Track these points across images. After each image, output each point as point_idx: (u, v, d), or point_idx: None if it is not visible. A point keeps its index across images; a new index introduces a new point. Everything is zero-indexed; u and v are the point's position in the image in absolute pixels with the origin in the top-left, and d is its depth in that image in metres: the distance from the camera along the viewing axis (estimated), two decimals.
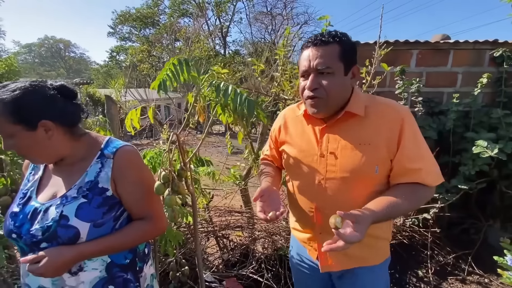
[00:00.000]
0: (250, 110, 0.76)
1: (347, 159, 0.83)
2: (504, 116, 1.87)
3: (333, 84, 0.80)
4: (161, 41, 14.97)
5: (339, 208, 0.81)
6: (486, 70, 2.14)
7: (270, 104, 1.87)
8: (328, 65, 0.78)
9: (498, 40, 2.09)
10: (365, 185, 0.84)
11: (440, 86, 2.26)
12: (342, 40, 0.80)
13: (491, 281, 1.85)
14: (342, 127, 0.86)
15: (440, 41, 2.20)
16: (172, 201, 0.81)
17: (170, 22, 18.23)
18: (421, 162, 0.80)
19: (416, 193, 0.79)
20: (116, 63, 25.24)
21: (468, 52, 2.18)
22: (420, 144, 0.82)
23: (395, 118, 0.81)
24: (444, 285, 1.85)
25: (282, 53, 1.44)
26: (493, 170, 1.97)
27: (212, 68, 1.34)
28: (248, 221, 1.95)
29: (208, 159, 1.43)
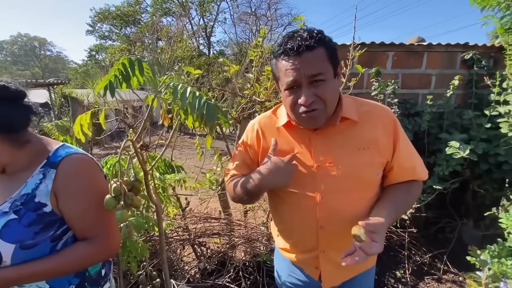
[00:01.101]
0: (210, 115, 0.70)
1: (348, 167, 0.77)
2: (475, 117, 1.92)
3: (328, 92, 0.72)
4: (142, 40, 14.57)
5: (344, 221, 0.78)
6: (458, 72, 2.20)
7: (246, 106, 1.82)
8: (320, 72, 0.69)
9: (469, 43, 2.15)
10: (368, 191, 0.80)
11: (415, 87, 2.30)
12: (325, 41, 0.71)
13: (465, 279, 1.88)
14: (335, 133, 0.79)
15: (415, 44, 2.23)
16: (124, 216, 0.73)
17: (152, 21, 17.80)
18: (414, 159, 0.82)
19: (414, 190, 0.82)
20: (96, 63, 24.34)
21: (441, 55, 2.22)
22: (409, 142, 0.83)
23: (388, 120, 0.80)
24: (421, 285, 1.87)
25: (255, 53, 1.39)
26: (466, 170, 2.01)
27: (184, 68, 1.27)
28: (226, 227, 1.88)
29: (179, 164, 1.35)
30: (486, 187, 2.01)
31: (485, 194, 2.04)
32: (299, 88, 0.72)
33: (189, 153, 6.78)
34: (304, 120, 0.75)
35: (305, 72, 0.69)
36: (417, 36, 3.03)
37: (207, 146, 1.07)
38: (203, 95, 0.72)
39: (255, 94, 1.48)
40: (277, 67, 0.75)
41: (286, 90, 0.74)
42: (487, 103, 1.91)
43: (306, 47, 0.68)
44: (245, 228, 1.93)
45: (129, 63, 0.70)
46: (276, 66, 0.75)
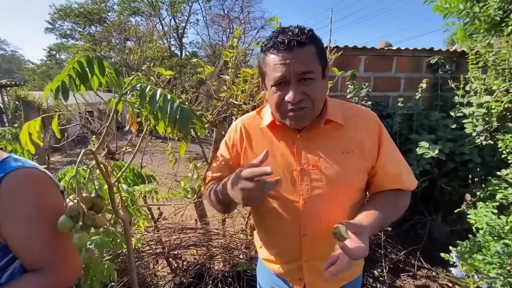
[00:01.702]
0: (183, 120, 0.62)
1: (333, 170, 0.74)
2: (441, 119, 2.02)
3: (316, 91, 0.69)
4: (109, 40, 13.80)
5: (328, 228, 0.72)
6: (424, 76, 2.31)
7: (222, 109, 1.74)
8: (310, 69, 0.66)
9: (434, 49, 2.27)
10: (352, 196, 0.77)
11: (386, 90, 2.39)
12: (315, 38, 0.68)
13: (438, 274, 1.97)
14: (320, 135, 0.77)
15: (385, 48, 2.32)
16: (82, 240, 0.62)
17: (119, 20, 16.96)
18: (400, 167, 0.79)
19: (400, 200, 0.78)
20: (56, 63, 22.60)
21: (408, 59, 2.33)
22: (395, 148, 0.81)
23: (372, 125, 0.78)
24: (398, 283, 1.92)
25: (230, 54, 1.33)
26: (434, 168, 2.11)
27: (154, 69, 1.16)
28: (203, 237, 1.77)
29: (150, 173, 1.23)
30: (452, 184, 2.12)
31: (452, 191, 2.16)
32: (286, 85, 0.68)
33: (162, 159, 6.48)
34: (290, 118, 0.71)
35: (294, 68, 0.65)
36: (385, 42, 3.17)
37: (181, 154, 0.98)
38: (175, 99, 0.63)
39: (232, 97, 1.41)
40: (265, 62, 0.71)
41: (273, 86, 0.70)
42: (452, 105, 2.03)
43: (298, 42, 0.65)
44: (223, 237, 1.84)
45: (87, 62, 0.59)
46: (264, 60, 0.71)
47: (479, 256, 1.30)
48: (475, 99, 1.82)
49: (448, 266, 1.96)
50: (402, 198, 0.79)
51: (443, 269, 1.99)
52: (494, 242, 1.30)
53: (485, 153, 1.84)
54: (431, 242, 2.22)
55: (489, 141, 1.74)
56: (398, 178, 0.78)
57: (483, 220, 1.40)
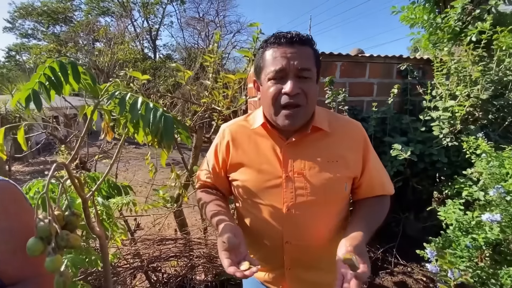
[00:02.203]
0: (168, 130, 0.59)
1: (317, 179, 0.75)
2: (411, 122, 2.15)
3: (313, 90, 0.70)
4: (75, 41, 13.03)
5: (311, 236, 0.74)
6: (395, 81, 2.45)
7: (202, 114, 1.70)
8: (309, 67, 0.69)
9: (403, 56, 2.42)
10: (335, 205, 0.78)
11: (361, 95, 2.49)
12: (312, 43, 0.72)
13: (413, 269, 2.07)
14: (307, 143, 0.77)
15: (359, 55, 2.42)
16: (56, 264, 0.56)
17: (87, 20, 16.10)
18: (382, 175, 0.83)
19: (384, 205, 0.82)
20: (16, 64, 20.87)
21: (380, 66, 2.45)
22: (377, 158, 0.84)
23: (358, 134, 0.80)
24: (377, 280, 1.99)
25: (212, 59, 1.30)
26: (406, 169, 2.23)
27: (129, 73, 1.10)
28: (184, 248, 1.71)
29: (126, 184, 1.16)
30: (423, 183, 2.26)
31: (422, 190, 2.29)
32: (284, 79, 0.69)
33: (136, 165, 6.20)
34: (284, 116, 0.71)
35: (294, 63, 0.67)
36: (357, 48, 3.32)
37: (162, 163, 0.94)
38: (158, 107, 0.60)
39: (214, 102, 1.39)
40: (263, 56, 0.72)
41: (271, 80, 0.71)
42: (420, 109, 2.16)
43: (299, 39, 0.68)
44: (205, 246, 1.79)
45: (60, 67, 0.54)
46: (263, 54, 0.72)
47: (450, 251, 1.38)
48: (440, 104, 1.95)
49: (421, 261, 2.07)
50: (385, 202, 0.84)
51: (417, 264, 2.10)
52: (463, 237, 1.39)
53: (451, 153, 1.98)
54: (405, 239, 2.33)
55: (454, 142, 1.87)
56: (381, 186, 0.83)
57: (452, 216, 1.50)
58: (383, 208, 0.82)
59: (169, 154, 0.96)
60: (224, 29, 19.69)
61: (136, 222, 1.89)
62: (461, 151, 1.90)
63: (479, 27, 2.05)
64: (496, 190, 1.33)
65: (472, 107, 1.81)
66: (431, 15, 2.48)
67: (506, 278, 1.22)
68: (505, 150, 1.47)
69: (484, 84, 1.82)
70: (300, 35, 0.70)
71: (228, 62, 17.33)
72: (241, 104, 1.59)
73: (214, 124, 1.69)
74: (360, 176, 0.80)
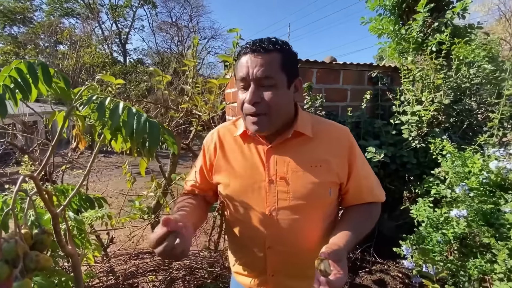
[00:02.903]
0: (154, 137, 0.55)
1: (300, 183, 0.74)
2: (383, 126, 2.27)
3: (276, 98, 0.69)
4: (36, 43, 12.11)
5: (294, 242, 0.73)
6: (366, 87, 2.58)
7: (181, 120, 1.65)
8: (270, 75, 0.68)
9: (373, 64, 2.56)
10: (319, 211, 0.77)
11: (335, 100, 2.58)
12: (284, 49, 0.71)
13: (389, 267, 2.16)
14: (289, 147, 0.77)
15: (333, 62, 2.52)
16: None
17: (48, 21, 15.07)
18: (371, 181, 0.81)
19: (372, 212, 0.81)
20: None
21: (353, 73, 2.57)
22: (366, 163, 0.83)
23: (343, 139, 0.79)
24: (357, 280, 2.04)
25: (192, 64, 1.27)
26: (380, 170, 2.34)
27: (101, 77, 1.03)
28: (162, 260, 1.62)
29: (100, 196, 1.08)
30: (395, 184, 2.38)
31: (395, 190, 2.42)
32: (247, 88, 0.70)
33: (107, 175, 5.84)
34: (248, 123, 0.73)
35: (254, 71, 0.67)
36: (330, 56, 3.46)
37: (141, 172, 0.89)
38: (142, 112, 0.57)
39: (195, 108, 1.35)
40: (236, 65, 0.73)
41: (239, 88, 0.72)
42: (390, 113, 2.30)
43: (262, 48, 0.68)
44: (186, 257, 1.71)
45: (28, 69, 0.49)
46: (236, 63, 0.73)
47: (423, 246, 1.47)
48: (408, 108, 2.09)
49: (397, 258, 2.17)
50: (375, 209, 0.83)
51: (393, 261, 2.20)
52: (435, 233, 1.48)
53: (419, 154, 2.12)
54: (381, 237, 2.43)
55: (422, 144, 2.01)
56: (370, 192, 0.81)
57: (423, 214, 1.59)
58: (371, 216, 0.81)
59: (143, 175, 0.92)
60: (198, 34, 19.53)
61: (108, 236, 1.76)
62: (428, 152, 2.04)
63: (438, 38, 2.24)
64: (461, 188, 1.44)
65: (436, 111, 1.96)
66: (396, 27, 2.67)
67: (473, 269, 1.31)
68: (466, 151, 1.60)
69: (446, 90, 1.98)
70: (265, 41, 0.69)
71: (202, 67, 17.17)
72: (221, 109, 1.57)
73: (193, 130, 1.64)
74: (347, 181, 0.79)
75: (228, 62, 1.28)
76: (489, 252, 1.33)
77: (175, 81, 5.74)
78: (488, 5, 13.35)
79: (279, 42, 0.71)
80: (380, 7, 2.75)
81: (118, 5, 18.54)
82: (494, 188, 1.48)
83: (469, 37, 2.43)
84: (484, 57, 2.21)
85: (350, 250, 0.71)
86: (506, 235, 1.27)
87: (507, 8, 12.71)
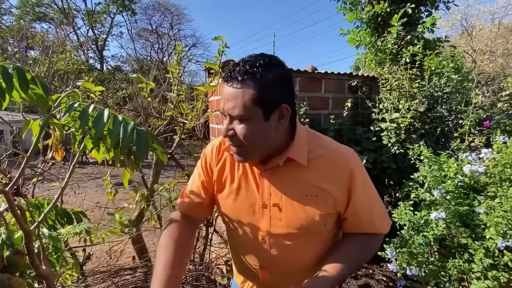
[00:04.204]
0: (142, 146, 0.52)
1: (293, 213, 0.70)
2: (364, 133, 2.35)
3: (250, 132, 0.64)
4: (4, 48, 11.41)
5: (287, 267, 0.73)
6: (347, 96, 2.67)
7: (163, 129, 1.61)
8: (239, 113, 0.62)
9: (353, 73, 2.67)
10: (314, 240, 0.74)
11: (318, 108, 2.64)
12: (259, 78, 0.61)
13: (374, 271, 2.20)
14: (282, 174, 0.72)
15: (315, 72, 2.59)
16: None
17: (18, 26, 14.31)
18: (373, 212, 0.75)
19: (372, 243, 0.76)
20: None
21: (334, 82, 2.66)
22: (370, 192, 0.75)
23: (344, 167, 0.71)
24: (344, 286, 2.05)
25: (176, 70, 1.25)
26: None
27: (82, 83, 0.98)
28: (145, 277, 1.54)
29: (78, 210, 1.01)
30: (377, 189, 2.46)
31: None
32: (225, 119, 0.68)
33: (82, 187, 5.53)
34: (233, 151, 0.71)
35: (225, 105, 0.65)
36: (311, 66, 3.57)
37: (125, 184, 0.84)
38: (129, 120, 0.54)
39: (180, 115, 1.31)
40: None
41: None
42: (370, 121, 2.38)
43: (232, 79, 0.63)
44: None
45: (2, 74, 0.45)
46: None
47: (406, 249, 1.51)
48: (387, 116, 2.18)
49: (381, 262, 2.21)
50: (375, 240, 0.77)
51: (377, 265, 2.24)
52: (416, 236, 1.53)
53: (398, 160, 2.20)
54: None
55: (400, 150, 2.09)
56: (371, 224, 0.75)
57: (405, 217, 1.64)
58: (370, 247, 0.76)
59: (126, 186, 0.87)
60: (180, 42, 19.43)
61: (85, 253, 1.65)
62: (406, 158, 2.13)
63: (411, 50, 2.38)
64: (439, 191, 1.51)
65: (412, 118, 2.06)
66: (373, 38, 2.81)
67: (453, 270, 1.36)
68: (442, 155, 1.68)
69: (420, 98, 2.09)
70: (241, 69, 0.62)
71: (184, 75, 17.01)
72: (205, 118, 1.55)
73: (176, 139, 1.60)
74: (345, 210, 0.73)
75: (213, 70, 1.27)
76: (466, 252, 1.39)
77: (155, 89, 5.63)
78: (451, 21, 14.52)
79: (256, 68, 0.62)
80: (357, 19, 2.89)
81: (94, 10, 18.04)
82: (468, 191, 1.56)
83: (439, 50, 2.61)
84: (452, 68, 2.38)
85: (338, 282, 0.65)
86: (481, 235, 1.34)
87: (469, 23, 13.88)
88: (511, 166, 1.38)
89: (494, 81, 5.94)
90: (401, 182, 2.13)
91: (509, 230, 1.22)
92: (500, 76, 6.59)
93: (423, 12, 2.77)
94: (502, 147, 1.47)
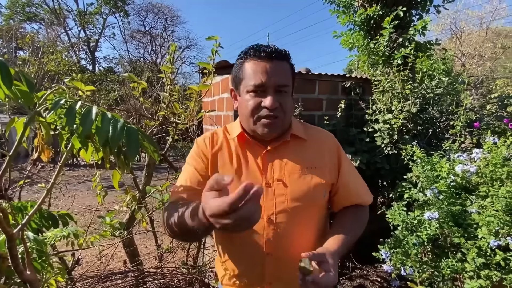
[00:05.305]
0: (132, 145, 0.50)
1: (297, 185, 0.76)
2: (357, 134, 2.36)
3: (289, 104, 0.75)
4: None
5: (292, 247, 0.74)
6: (341, 97, 2.68)
7: (155, 130, 1.58)
8: (286, 83, 0.73)
9: (346, 75, 2.68)
10: (314, 213, 0.79)
11: (312, 110, 2.65)
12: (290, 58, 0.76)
13: (368, 272, 2.20)
14: (286, 150, 0.80)
15: (309, 73, 2.60)
16: None
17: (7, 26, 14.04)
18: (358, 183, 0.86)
19: (361, 215, 0.85)
20: None
21: (328, 83, 2.67)
22: (352, 166, 0.88)
23: (332, 143, 0.85)
24: (338, 287, 2.04)
25: (169, 70, 1.23)
26: None
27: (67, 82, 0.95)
28: (136, 281, 1.50)
29: (65, 212, 0.98)
30: (370, 190, 2.47)
31: None
32: (264, 92, 0.72)
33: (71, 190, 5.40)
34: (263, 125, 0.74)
35: (273, 79, 0.70)
36: (305, 68, 3.58)
37: (115, 185, 0.82)
38: (118, 117, 0.52)
39: (173, 115, 1.29)
40: (243, 68, 0.73)
41: (250, 92, 0.73)
42: (363, 122, 2.40)
43: (278, 55, 0.72)
44: (162, 276, 1.60)
45: None
46: (242, 66, 0.73)
47: (400, 249, 1.51)
48: (380, 117, 2.20)
49: (375, 262, 2.22)
50: (363, 213, 0.87)
51: (371, 266, 2.24)
52: (410, 236, 1.53)
53: (392, 160, 2.22)
54: (358, 242, 2.49)
55: (393, 151, 2.11)
56: (357, 194, 0.86)
57: (399, 218, 1.65)
58: (360, 221, 0.85)
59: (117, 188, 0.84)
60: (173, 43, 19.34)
61: (74, 257, 1.60)
62: (399, 158, 2.15)
63: (403, 52, 2.41)
64: (431, 191, 1.52)
65: (405, 119, 2.08)
66: (366, 41, 2.84)
67: (446, 269, 1.37)
68: (434, 156, 1.70)
69: (413, 99, 2.12)
70: (278, 50, 0.72)
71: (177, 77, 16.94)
72: (199, 118, 1.53)
73: (169, 140, 1.58)
74: (336, 181, 0.83)
75: (207, 70, 1.26)
76: (459, 251, 1.40)
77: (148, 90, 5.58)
78: (441, 25, 14.87)
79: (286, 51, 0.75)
80: (350, 22, 2.92)
81: (86, 11, 17.82)
82: (459, 191, 1.58)
83: (429, 52, 2.65)
84: (442, 71, 2.42)
85: (341, 254, 0.71)
86: (473, 234, 1.36)
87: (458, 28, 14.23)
88: (501, 166, 1.40)
89: (482, 84, 6.09)
90: (394, 183, 2.14)
91: (501, 229, 1.24)
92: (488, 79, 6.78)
93: (414, 15, 2.81)
94: (492, 148, 1.50)
